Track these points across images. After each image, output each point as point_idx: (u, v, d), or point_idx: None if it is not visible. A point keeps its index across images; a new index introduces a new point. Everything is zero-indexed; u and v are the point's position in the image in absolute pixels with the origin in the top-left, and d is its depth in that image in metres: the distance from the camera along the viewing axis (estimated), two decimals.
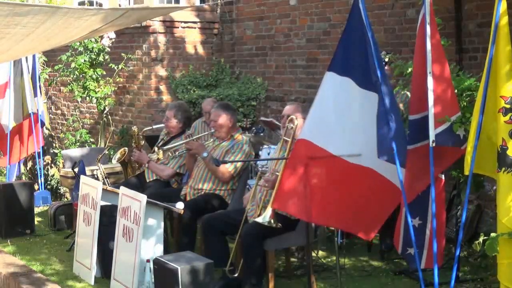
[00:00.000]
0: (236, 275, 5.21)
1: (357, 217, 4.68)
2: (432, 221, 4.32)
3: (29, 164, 9.47)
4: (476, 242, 3.94)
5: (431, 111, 4.17)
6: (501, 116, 3.90)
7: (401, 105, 5.89)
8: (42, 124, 9.25)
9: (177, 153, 6.61)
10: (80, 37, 6.18)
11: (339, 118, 4.51)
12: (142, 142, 7.21)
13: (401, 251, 4.72)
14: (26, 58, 8.73)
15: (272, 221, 4.86)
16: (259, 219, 4.91)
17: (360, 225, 4.74)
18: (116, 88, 9.70)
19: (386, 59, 5.70)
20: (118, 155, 7.36)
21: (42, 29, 4.97)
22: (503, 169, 3.91)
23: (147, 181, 6.83)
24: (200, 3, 10.00)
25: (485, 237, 3.93)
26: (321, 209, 4.58)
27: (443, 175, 4.51)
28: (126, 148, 7.46)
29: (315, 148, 4.49)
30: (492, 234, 3.88)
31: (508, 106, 3.88)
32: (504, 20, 3.88)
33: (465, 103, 4.43)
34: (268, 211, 4.87)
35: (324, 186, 4.56)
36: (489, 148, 4.02)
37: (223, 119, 6.11)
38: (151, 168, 6.84)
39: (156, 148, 6.63)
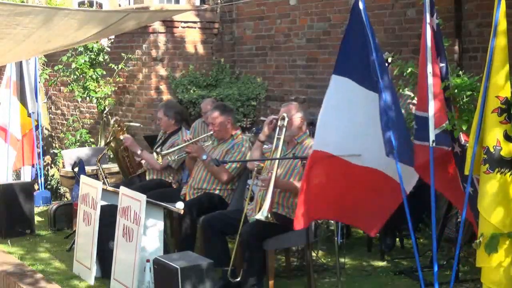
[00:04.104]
0: (238, 279, 5.20)
1: (359, 212, 4.69)
2: (432, 218, 4.32)
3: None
4: (476, 241, 3.94)
5: (431, 111, 4.16)
6: (496, 116, 3.88)
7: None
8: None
9: (176, 156, 6.62)
10: (81, 41, 6.19)
11: (341, 118, 4.51)
12: (124, 129, 7.33)
13: None
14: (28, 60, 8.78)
15: (269, 215, 4.89)
16: (258, 215, 4.93)
17: (362, 220, 4.75)
18: (116, 88, 9.70)
19: (389, 59, 5.70)
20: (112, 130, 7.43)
21: (43, 30, 4.97)
22: (496, 170, 3.89)
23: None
24: (200, 3, 10.00)
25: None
26: (321, 204, 4.58)
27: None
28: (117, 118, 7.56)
29: (321, 153, 4.52)
30: (492, 234, 3.87)
31: (503, 106, 3.87)
32: (503, 20, 3.88)
33: (464, 104, 4.43)
34: (266, 207, 4.90)
35: (324, 184, 4.57)
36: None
37: (221, 120, 6.12)
38: (144, 157, 6.89)
39: (155, 154, 6.62)
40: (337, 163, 4.53)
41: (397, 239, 6.26)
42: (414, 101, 5.42)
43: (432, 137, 4.18)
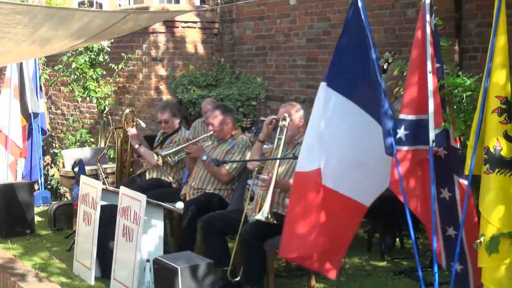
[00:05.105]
0: (237, 279, 5.21)
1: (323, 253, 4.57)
2: (432, 218, 4.30)
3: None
4: (477, 241, 3.93)
5: (431, 110, 4.15)
6: (496, 116, 3.87)
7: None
8: (44, 132, 9.28)
9: (176, 157, 6.62)
10: (81, 42, 6.17)
11: (319, 131, 4.47)
12: (134, 123, 7.29)
13: (445, 266, 4.46)
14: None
15: (269, 216, 4.89)
16: (258, 216, 4.94)
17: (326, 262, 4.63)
18: (116, 88, 9.70)
19: (390, 60, 5.70)
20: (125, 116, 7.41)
21: (43, 30, 4.97)
22: (496, 170, 3.87)
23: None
24: (200, 3, 10.00)
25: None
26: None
27: (465, 180, 4.23)
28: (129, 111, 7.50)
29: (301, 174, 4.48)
30: (493, 234, 3.87)
31: (503, 106, 3.86)
32: (503, 20, 3.88)
33: (463, 103, 4.43)
34: (266, 207, 4.90)
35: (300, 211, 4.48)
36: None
37: (221, 120, 6.12)
38: (141, 152, 6.91)
39: (155, 155, 6.62)
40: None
41: (397, 239, 6.26)
42: None
43: (432, 137, 4.17)
